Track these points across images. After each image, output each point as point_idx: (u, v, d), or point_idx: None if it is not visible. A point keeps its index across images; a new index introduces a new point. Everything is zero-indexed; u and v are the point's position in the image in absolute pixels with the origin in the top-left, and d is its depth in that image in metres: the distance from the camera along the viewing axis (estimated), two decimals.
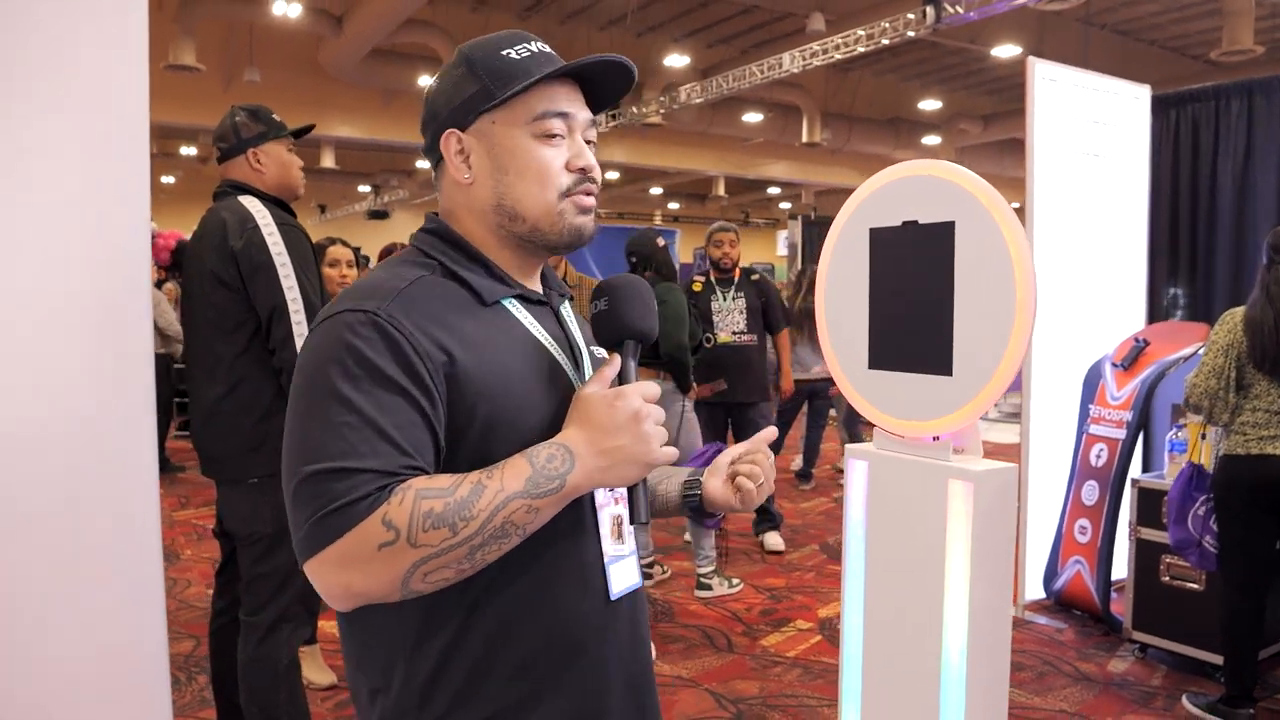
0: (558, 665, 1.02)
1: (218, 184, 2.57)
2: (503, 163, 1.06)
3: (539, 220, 1.06)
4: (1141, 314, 4.48)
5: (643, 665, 1.13)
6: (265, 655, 2.46)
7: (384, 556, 0.88)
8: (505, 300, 1.07)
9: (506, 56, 1.06)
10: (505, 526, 0.91)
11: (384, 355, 0.93)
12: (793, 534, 5.51)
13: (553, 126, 1.05)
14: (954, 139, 17.23)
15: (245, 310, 2.38)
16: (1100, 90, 4.21)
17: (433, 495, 0.89)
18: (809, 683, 3.40)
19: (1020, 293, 1.60)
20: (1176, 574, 3.46)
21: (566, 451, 0.94)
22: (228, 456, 2.45)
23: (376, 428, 0.91)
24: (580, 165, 1.06)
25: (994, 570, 1.72)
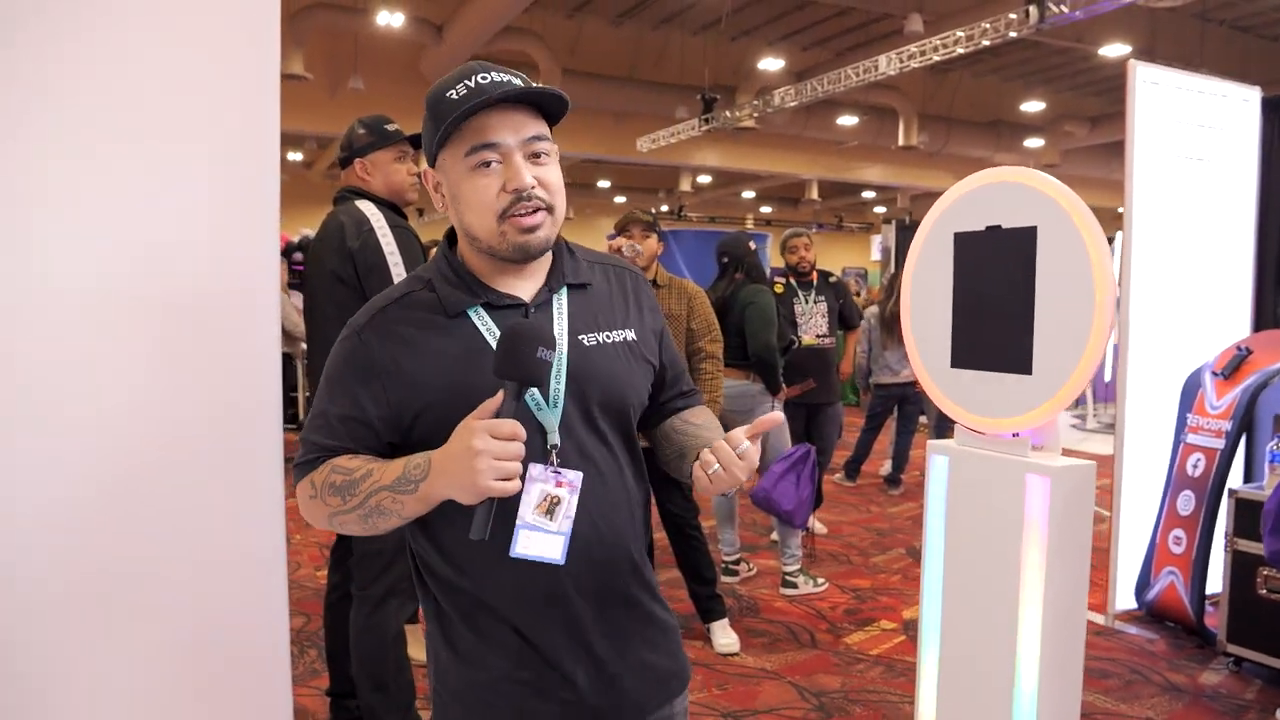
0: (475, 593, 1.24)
1: (337, 190, 2.78)
2: (455, 194, 1.23)
3: (488, 240, 1.22)
4: (1246, 322, 4.37)
5: (593, 621, 1.24)
6: (375, 625, 2.65)
7: (311, 504, 1.25)
8: (470, 310, 1.24)
9: (448, 97, 1.20)
10: (379, 507, 1.18)
11: (349, 366, 1.25)
12: (879, 536, 5.53)
13: (483, 156, 1.18)
14: (1058, 141, 16.76)
15: (361, 306, 2.58)
16: (1206, 93, 4.13)
17: (339, 473, 1.21)
18: (891, 680, 3.44)
19: (1099, 295, 1.66)
20: (1274, 586, 3.39)
21: (428, 464, 1.14)
22: None
23: (326, 417, 1.25)
24: (513, 187, 1.18)
25: (1070, 564, 1.77)
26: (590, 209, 27.11)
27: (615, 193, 24.77)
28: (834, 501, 6.38)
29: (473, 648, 1.25)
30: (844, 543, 5.37)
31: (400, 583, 2.69)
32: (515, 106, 1.20)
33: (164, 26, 2.08)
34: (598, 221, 27.25)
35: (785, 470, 4.17)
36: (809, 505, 4.18)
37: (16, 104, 1.83)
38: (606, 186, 23.98)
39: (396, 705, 2.68)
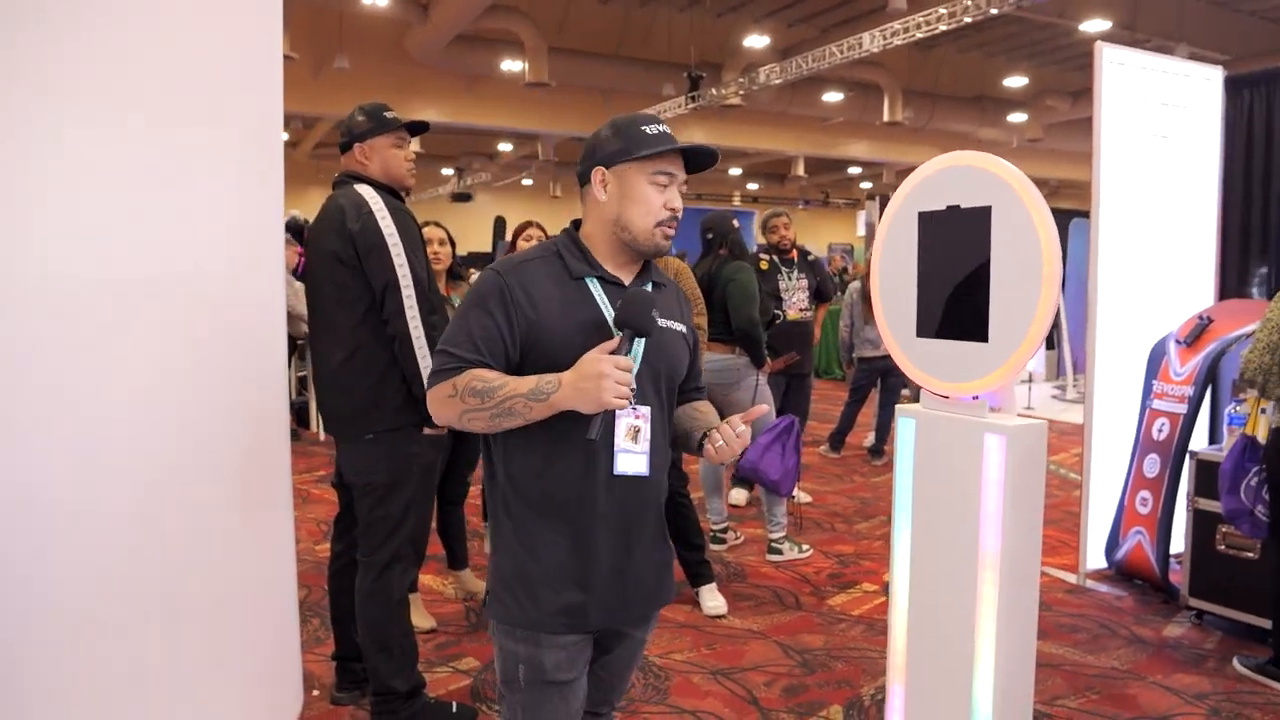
0: (560, 493, 1.62)
1: (337, 175, 2.88)
2: (628, 195, 1.65)
3: (638, 234, 1.65)
4: (1210, 294, 4.54)
5: (637, 525, 1.68)
6: (380, 590, 2.79)
7: (448, 403, 1.56)
8: (587, 279, 1.66)
9: (643, 130, 1.64)
10: (511, 410, 1.52)
11: (493, 299, 1.60)
12: (862, 505, 5.71)
13: (661, 180, 1.64)
14: (1041, 115, 16.90)
15: (362, 286, 2.69)
16: (1170, 73, 4.27)
17: (480, 380, 1.54)
18: (871, 638, 3.62)
19: (1046, 268, 1.81)
20: (1232, 543, 3.58)
21: (558, 380, 1.51)
22: (348, 415, 2.77)
23: (469, 334, 1.58)
24: (671, 206, 1.65)
25: (1025, 514, 1.93)
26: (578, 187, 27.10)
27: None
28: (818, 472, 6.56)
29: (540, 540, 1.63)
30: (828, 511, 5.55)
31: (403, 548, 2.82)
32: (679, 157, 1.67)
33: (165, 15, 2.14)
34: None
35: (771, 441, 4.32)
36: (794, 474, 4.34)
37: (16, 102, 1.89)
38: None
39: (401, 667, 2.81)
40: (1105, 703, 3.05)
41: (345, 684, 3.08)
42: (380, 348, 2.71)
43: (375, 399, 2.72)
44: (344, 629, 3.04)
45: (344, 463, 2.87)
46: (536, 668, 1.66)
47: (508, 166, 23.24)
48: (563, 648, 1.65)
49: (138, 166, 2.09)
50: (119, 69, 2.05)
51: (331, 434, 2.91)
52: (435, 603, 3.94)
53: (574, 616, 1.64)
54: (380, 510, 2.78)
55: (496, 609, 1.69)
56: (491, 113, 16.08)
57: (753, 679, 3.24)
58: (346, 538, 3.02)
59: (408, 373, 2.69)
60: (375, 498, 2.78)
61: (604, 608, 1.66)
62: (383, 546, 2.80)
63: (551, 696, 1.67)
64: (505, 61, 13.97)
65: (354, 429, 2.77)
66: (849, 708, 3.03)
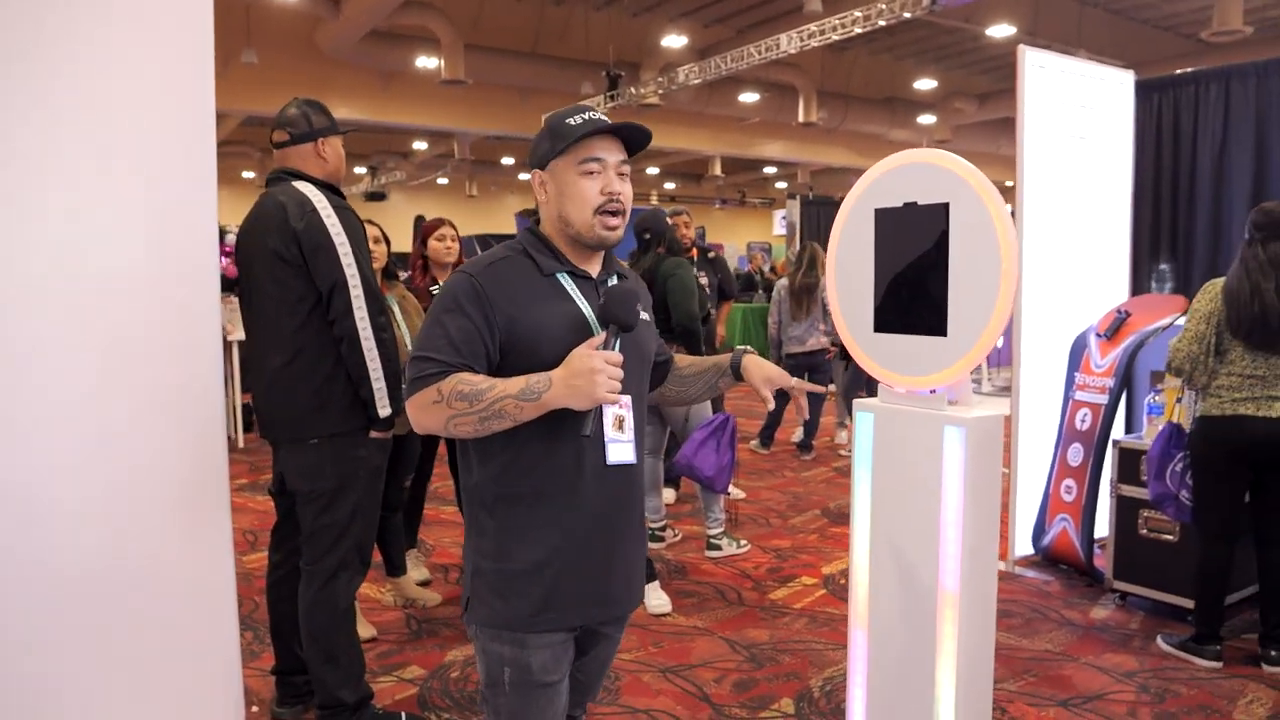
0: (553, 490, 1.62)
1: (270, 171, 2.78)
2: (562, 191, 1.64)
3: (579, 228, 1.64)
4: (1125, 288, 4.74)
5: (624, 516, 1.70)
6: (326, 599, 2.72)
7: (433, 409, 1.51)
8: (558, 274, 1.66)
9: (567, 123, 1.62)
10: (500, 412, 1.50)
11: (469, 300, 1.57)
12: (795, 499, 5.80)
13: (590, 167, 1.62)
14: (949, 118, 17.42)
15: (306, 286, 2.61)
16: (1087, 76, 4.44)
17: (467, 383, 1.50)
18: (815, 630, 3.67)
19: (1005, 264, 1.85)
20: (1154, 527, 3.74)
21: (549, 379, 1.50)
22: (291, 419, 2.67)
23: (449, 338, 1.55)
24: (608, 191, 1.62)
25: (984, 503, 1.98)
26: (495, 187, 26.87)
27: (520, 170, 24.60)
28: (750, 468, 6.62)
29: (528, 538, 1.63)
30: (762, 507, 5.61)
31: (350, 555, 2.75)
32: (612, 137, 1.64)
33: (96, 16, 2.08)
34: (503, 199, 27.05)
35: (705, 438, 4.30)
36: (729, 471, 4.36)
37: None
38: (511, 164, 23.79)
39: (348, 678, 2.75)
40: (1043, 684, 3.15)
41: (286, 699, 2.98)
42: (324, 349, 2.64)
43: (320, 402, 2.64)
44: (284, 642, 2.95)
45: (287, 469, 2.77)
46: (523, 669, 1.64)
47: (423, 165, 22.86)
48: (548, 647, 1.65)
49: (64, 165, 1.99)
50: (44, 67, 1.94)
51: (271, 439, 2.81)
52: (374, 611, 3.84)
53: (563, 611, 1.64)
54: (326, 517, 2.71)
55: (480, 613, 1.66)
56: (406, 110, 15.79)
57: (702, 675, 3.25)
58: (286, 546, 2.92)
59: (355, 374, 2.63)
60: (320, 504, 2.70)
61: (590, 602, 1.67)
62: (328, 554, 2.72)
63: (538, 698, 1.66)
64: (420, 58, 13.74)
65: (297, 433, 2.68)
66: (800, 700, 3.06)
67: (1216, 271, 4.70)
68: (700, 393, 1.96)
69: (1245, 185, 4.60)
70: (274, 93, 14.29)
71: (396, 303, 3.70)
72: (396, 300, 3.72)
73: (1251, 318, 3.08)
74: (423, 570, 4.23)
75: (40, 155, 1.99)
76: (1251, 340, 3.12)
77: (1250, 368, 3.13)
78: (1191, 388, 3.31)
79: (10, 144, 1.93)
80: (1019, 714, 2.94)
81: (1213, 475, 3.26)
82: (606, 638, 1.81)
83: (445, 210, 23.14)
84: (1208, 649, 3.28)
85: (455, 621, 3.74)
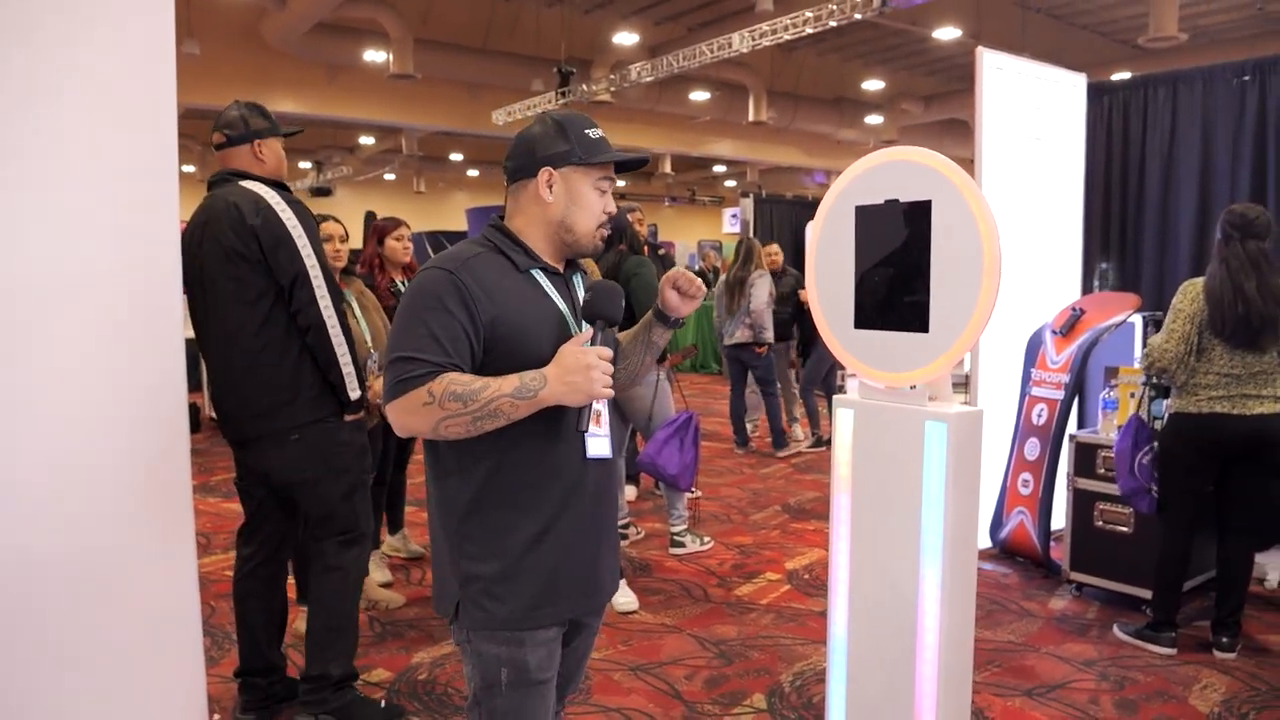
0: (545, 486, 1.63)
1: (215, 172, 2.82)
2: (575, 198, 1.67)
3: (581, 237, 1.68)
4: (1077, 286, 4.85)
5: (603, 509, 1.73)
6: (339, 566, 2.80)
7: (424, 410, 1.48)
8: (533, 270, 1.66)
9: (588, 135, 1.67)
10: (494, 411, 1.49)
11: (451, 297, 1.54)
12: (755, 496, 5.83)
13: (604, 186, 1.70)
14: (896, 119, 17.66)
15: (266, 281, 2.64)
16: (1041, 78, 4.54)
17: (459, 383, 1.48)
18: (782, 625, 3.69)
19: (988, 260, 1.88)
20: (1109, 519, 3.83)
21: (543, 377, 1.51)
22: (262, 415, 2.68)
23: (435, 338, 1.52)
24: (609, 211, 1.71)
25: (964, 497, 2.01)
26: (443, 183, 26.60)
27: (469, 166, 24.39)
28: (708, 466, 6.64)
29: (517, 537, 1.62)
30: (724, 503, 5.64)
31: (353, 527, 2.82)
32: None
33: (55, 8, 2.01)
34: (452, 195, 26.79)
35: (669, 436, 4.34)
36: (693, 469, 4.38)
37: None
38: (459, 160, 23.57)
39: (341, 651, 2.81)
40: (1007, 675, 3.21)
41: (250, 704, 2.92)
42: (288, 342, 2.68)
43: (291, 395, 2.68)
44: (252, 638, 2.91)
45: (269, 465, 2.78)
46: (520, 668, 1.64)
47: (370, 160, 22.54)
48: (544, 644, 1.66)
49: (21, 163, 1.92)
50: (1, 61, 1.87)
51: (238, 436, 2.79)
52: None
53: (556, 605, 1.65)
54: (327, 501, 2.78)
55: (474, 616, 1.64)
56: (353, 105, 15.54)
57: (673, 673, 3.25)
58: (258, 540, 2.92)
59: (324, 361, 2.67)
60: (316, 491, 2.77)
61: (578, 594, 1.69)
62: (333, 529, 2.81)
63: (534, 696, 1.66)
64: (368, 52, 13.53)
65: (272, 428, 2.70)
66: (771, 695, 3.08)
67: (1165, 269, 4.84)
68: (640, 356, 1.89)
69: (1192, 186, 4.74)
70: (216, 85, 13.96)
71: (355, 299, 3.65)
72: (355, 296, 3.67)
73: (1235, 318, 3.15)
74: (385, 572, 4.17)
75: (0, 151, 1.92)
76: (1234, 340, 3.18)
77: (1228, 366, 3.20)
78: (1172, 385, 3.36)
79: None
80: (985, 704, 2.99)
81: (1183, 469, 3.34)
82: (587, 628, 1.83)
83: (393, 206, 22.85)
84: (1163, 636, 3.37)
85: (419, 623, 3.69)
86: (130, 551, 2.25)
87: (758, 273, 6.63)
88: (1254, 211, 3.23)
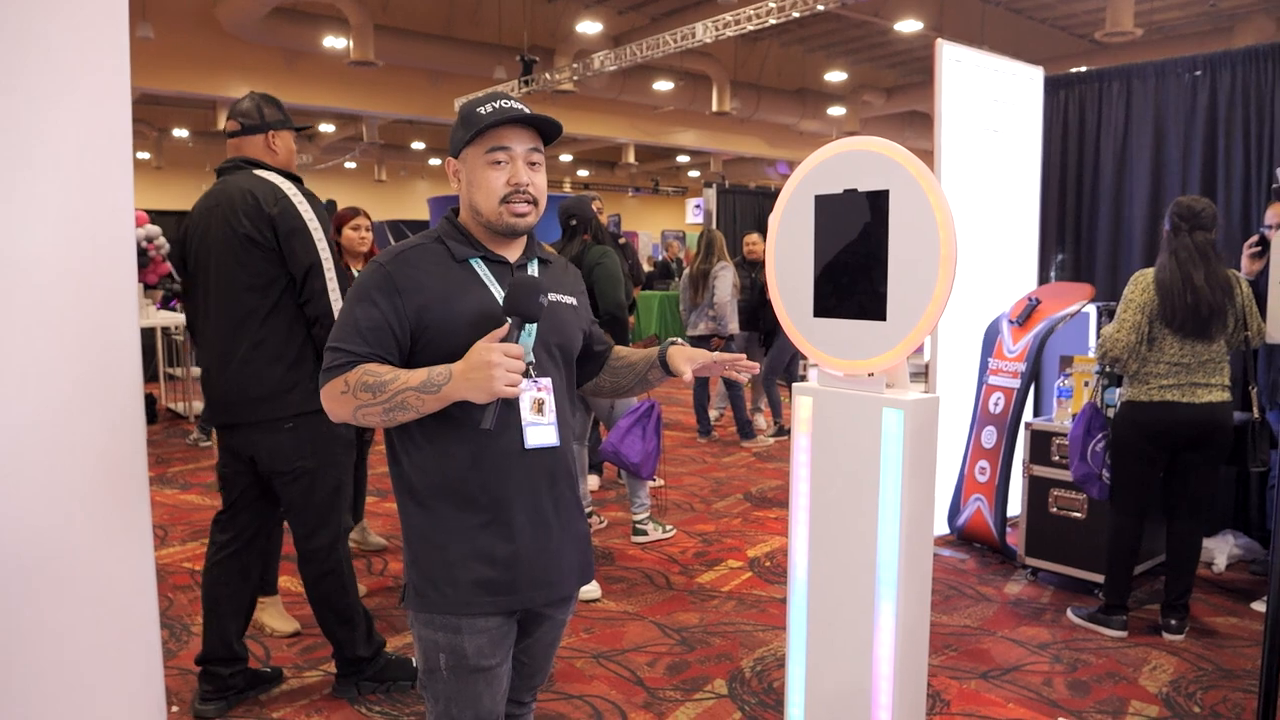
0: (485, 476, 1.61)
1: (227, 159, 2.86)
2: (471, 180, 1.65)
3: (488, 216, 1.64)
4: (1034, 276, 4.93)
5: (552, 498, 1.68)
6: (332, 569, 2.86)
7: (341, 399, 1.54)
8: (472, 260, 1.66)
9: (478, 111, 1.61)
10: (403, 404, 1.51)
11: (378, 289, 1.57)
12: (718, 485, 5.87)
13: (497, 156, 1.61)
14: (858, 110, 17.78)
15: (277, 270, 2.70)
16: (1000, 71, 4.59)
17: (371, 375, 1.52)
18: (744, 612, 3.72)
19: (944, 249, 1.90)
20: (1063, 505, 3.91)
21: (449, 372, 1.50)
22: (259, 401, 2.72)
23: (359, 329, 1.56)
24: (514, 182, 1.62)
25: (921, 483, 2.03)
26: (405, 171, 26.34)
27: (431, 154, 24.16)
28: (671, 456, 6.67)
29: (455, 524, 1.62)
30: (686, 492, 5.66)
31: (339, 524, 2.88)
32: (523, 126, 1.63)
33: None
34: (413, 184, 26.54)
35: (631, 425, 4.35)
36: (655, 457, 4.39)
37: None
38: (421, 148, 23.34)
39: (363, 635, 2.94)
40: (964, 659, 3.27)
41: (209, 694, 2.90)
42: (293, 332, 2.74)
43: (290, 383, 2.73)
44: (218, 625, 2.90)
45: (258, 452, 2.80)
46: (458, 655, 1.64)
47: (329, 148, 22.25)
48: (484, 632, 1.64)
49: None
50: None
51: (229, 421, 2.82)
52: (296, 604, 3.73)
53: (496, 595, 1.63)
54: (313, 495, 2.82)
55: (414, 600, 1.65)
56: (312, 91, 15.32)
57: (635, 660, 3.27)
58: (236, 527, 2.94)
59: None
60: (305, 483, 2.80)
61: (528, 585, 1.66)
62: (323, 529, 2.86)
63: (475, 683, 1.65)
64: (328, 38, 13.34)
65: (270, 414, 2.74)
66: (732, 680, 3.11)
67: (1117, 261, 4.93)
68: (632, 384, 1.94)
69: (1144, 179, 4.83)
70: (170, 70, 13.71)
71: None
72: None
73: (1185, 308, 3.22)
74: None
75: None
76: (1184, 330, 3.24)
77: (1178, 355, 3.27)
78: (1124, 374, 3.42)
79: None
80: (942, 687, 3.04)
81: (1134, 456, 3.41)
82: (550, 619, 1.80)
83: (354, 195, 22.62)
84: (1115, 619, 3.45)
85: (380, 612, 3.67)
86: (86, 544, 2.22)
87: (720, 265, 6.65)
88: (1200, 204, 3.29)
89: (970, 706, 2.92)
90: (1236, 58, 4.55)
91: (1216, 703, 2.95)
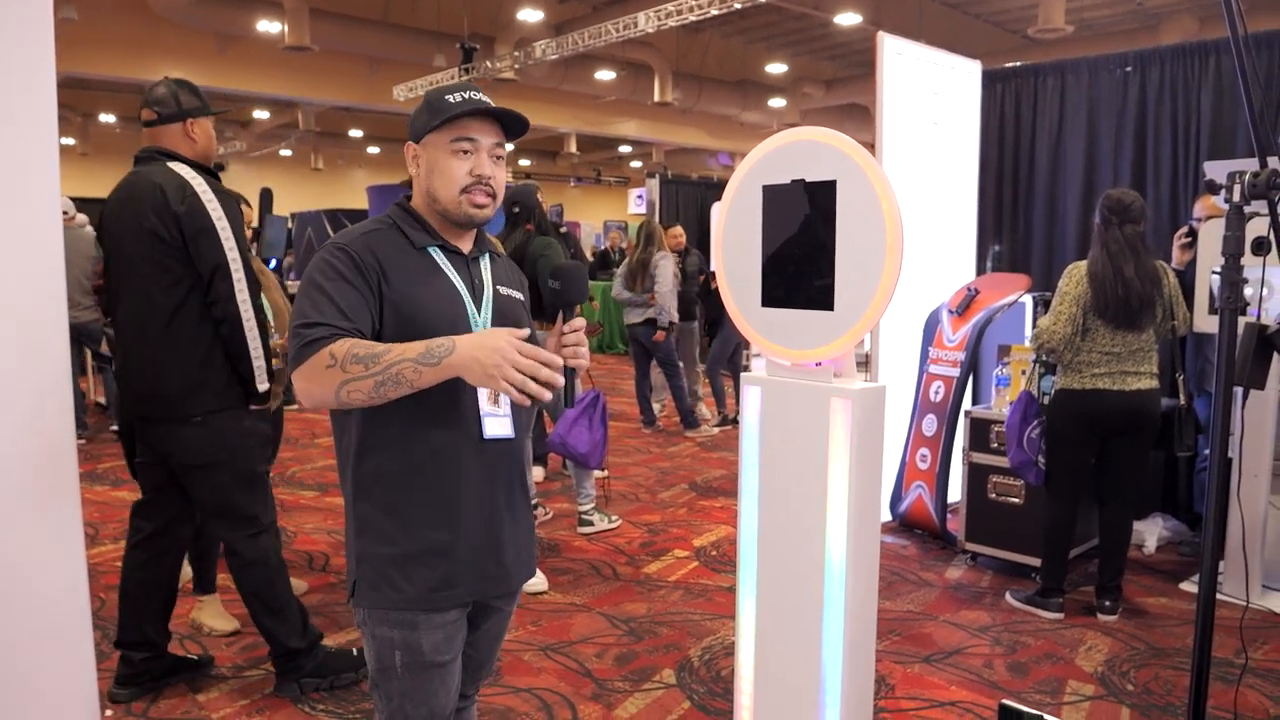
0: (441, 467, 1.59)
1: (143, 148, 2.76)
2: (432, 166, 1.63)
3: (446, 205, 1.63)
4: (972, 266, 5.02)
5: (506, 490, 1.67)
6: (257, 559, 2.82)
7: (327, 373, 1.42)
8: (430, 247, 1.64)
9: (447, 99, 1.60)
10: (398, 376, 1.41)
11: (347, 267, 1.53)
12: (663, 475, 5.88)
13: (463, 146, 1.61)
14: (798, 102, 17.91)
15: (184, 268, 2.63)
16: (939, 64, 4.66)
17: (361, 346, 1.43)
18: (691, 601, 3.74)
19: (890, 239, 1.92)
20: (1001, 491, 3.99)
21: (453, 344, 1.42)
22: (166, 397, 2.67)
23: (335, 304, 1.49)
24: (477, 173, 1.61)
25: (868, 471, 2.05)
26: (342, 160, 25.85)
27: (369, 143, 23.74)
28: (616, 446, 6.66)
29: (411, 519, 1.59)
30: (631, 482, 5.66)
31: (262, 514, 2.85)
32: (490, 119, 1.63)
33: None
34: (351, 173, 26.06)
35: (578, 415, 4.33)
36: (603, 446, 4.38)
37: None
38: (359, 136, 22.92)
39: (295, 627, 2.88)
40: (907, 643, 3.32)
41: (125, 677, 2.90)
42: (201, 330, 2.68)
43: (197, 382, 2.68)
44: (133, 609, 2.87)
45: (170, 447, 2.76)
46: (414, 651, 1.61)
47: (264, 136, 21.72)
48: (440, 627, 1.62)
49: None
50: None
51: (139, 416, 2.77)
52: (236, 603, 3.63)
53: (453, 588, 1.61)
54: (230, 489, 2.78)
55: (368, 596, 1.61)
56: (245, 77, 14.93)
57: (583, 651, 3.26)
58: (161, 517, 2.90)
59: (235, 354, 2.68)
60: (219, 478, 2.76)
61: (482, 578, 1.65)
62: (245, 522, 2.82)
63: (432, 679, 1.63)
64: (261, 22, 12.99)
65: (178, 410, 2.69)
66: (681, 669, 3.12)
67: (1052, 252, 5.05)
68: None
69: (1078, 171, 4.95)
70: (95, 53, 13.25)
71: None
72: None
73: (1117, 300, 3.30)
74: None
75: None
76: (1115, 320, 3.33)
77: (1109, 345, 3.36)
78: (1059, 363, 3.50)
79: None
80: (887, 672, 3.09)
81: (1067, 443, 3.50)
82: (498, 611, 1.79)
83: (290, 184, 22.14)
84: (1051, 602, 3.54)
85: (323, 609, 3.60)
86: (16, 543, 2.15)
87: (660, 254, 6.66)
88: (1129, 197, 3.38)
89: (914, 690, 2.97)
90: (1165, 55, 4.68)
91: (1149, 680, 3.04)
